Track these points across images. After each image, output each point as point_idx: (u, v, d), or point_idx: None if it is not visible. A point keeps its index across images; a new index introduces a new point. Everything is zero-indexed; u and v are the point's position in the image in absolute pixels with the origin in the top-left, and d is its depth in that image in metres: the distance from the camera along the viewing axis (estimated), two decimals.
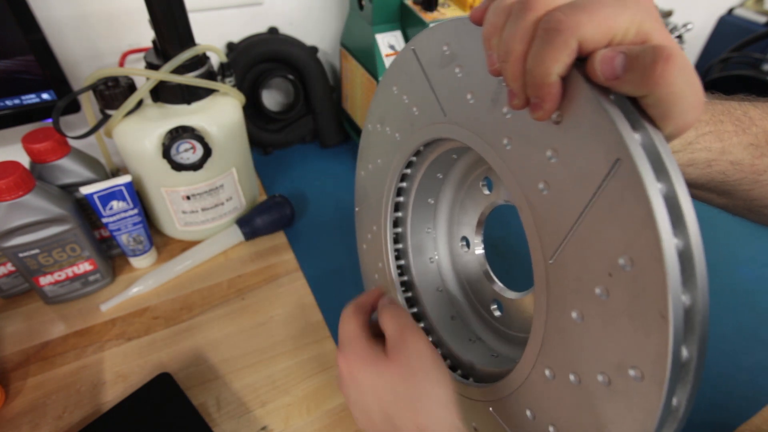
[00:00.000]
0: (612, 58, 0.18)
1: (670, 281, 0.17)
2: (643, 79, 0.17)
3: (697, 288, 0.17)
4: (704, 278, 0.17)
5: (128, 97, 0.45)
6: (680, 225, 0.17)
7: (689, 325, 0.18)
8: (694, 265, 0.17)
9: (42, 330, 0.45)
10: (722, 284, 0.54)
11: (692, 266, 0.17)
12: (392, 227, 0.39)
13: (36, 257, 0.42)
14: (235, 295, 0.49)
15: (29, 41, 0.44)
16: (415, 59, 0.30)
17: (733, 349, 0.47)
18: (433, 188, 0.38)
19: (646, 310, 0.17)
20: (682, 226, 0.17)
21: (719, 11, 0.88)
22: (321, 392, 0.41)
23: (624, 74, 0.18)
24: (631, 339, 0.18)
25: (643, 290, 0.17)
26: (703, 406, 0.42)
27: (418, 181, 0.37)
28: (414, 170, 0.37)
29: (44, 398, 0.40)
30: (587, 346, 0.20)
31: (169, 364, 0.43)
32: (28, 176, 0.40)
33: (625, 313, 0.18)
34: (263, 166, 0.67)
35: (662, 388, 0.17)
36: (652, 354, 0.17)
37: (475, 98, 0.26)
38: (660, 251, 0.16)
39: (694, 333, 0.17)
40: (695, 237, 0.17)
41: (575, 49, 0.18)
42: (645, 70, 0.17)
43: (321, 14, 0.68)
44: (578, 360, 0.21)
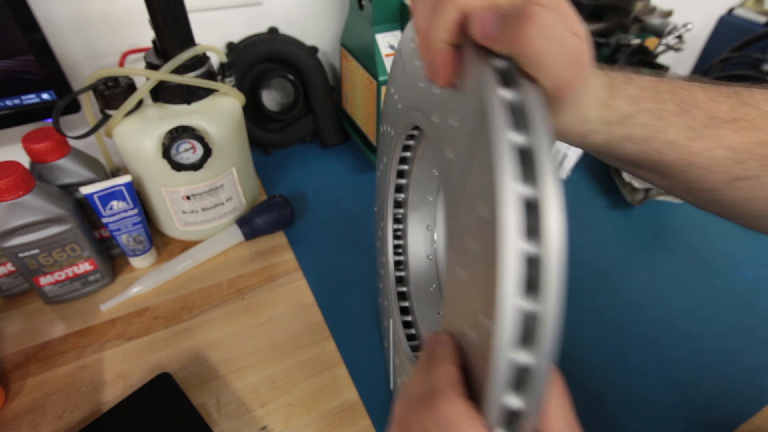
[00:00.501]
0: (486, 19, 0.19)
1: (507, 228, 0.16)
2: (509, 38, 0.18)
3: (540, 241, 0.16)
4: (556, 233, 0.16)
5: (128, 97, 0.45)
6: (531, 175, 0.16)
7: (533, 279, 0.16)
8: (540, 216, 0.16)
9: (42, 330, 0.45)
10: (721, 284, 0.54)
11: (537, 217, 0.16)
12: (393, 224, 0.40)
13: (36, 257, 0.42)
14: (235, 295, 0.49)
15: (29, 41, 0.44)
16: (399, 58, 0.32)
17: (732, 348, 0.47)
18: (431, 185, 0.39)
19: (490, 259, 0.17)
20: (532, 177, 0.16)
21: (719, 11, 0.88)
22: (321, 392, 0.41)
23: (498, 34, 0.18)
24: (484, 289, 0.17)
25: (489, 238, 0.17)
26: (702, 405, 0.42)
27: (413, 178, 0.38)
28: (409, 167, 0.38)
29: (44, 398, 0.40)
30: (464, 303, 0.20)
31: (169, 364, 0.43)
32: (28, 176, 0.40)
33: (481, 263, 0.18)
34: (263, 166, 0.67)
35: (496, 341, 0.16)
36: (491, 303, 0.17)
37: (424, 83, 0.27)
38: (499, 198, 0.16)
39: (538, 290, 0.16)
40: (549, 187, 0.16)
41: (455, 15, 0.19)
42: (511, 30, 0.18)
43: (321, 14, 0.68)
44: (460, 317, 0.21)
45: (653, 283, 0.54)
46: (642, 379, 0.44)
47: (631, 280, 0.54)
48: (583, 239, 0.59)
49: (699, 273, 0.55)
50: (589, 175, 0.69)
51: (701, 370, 0.45)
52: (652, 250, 0.58)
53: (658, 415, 0.42)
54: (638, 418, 0.41)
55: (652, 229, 0.61)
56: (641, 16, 0.69)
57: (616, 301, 0.51)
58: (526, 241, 0.16)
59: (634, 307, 0.51)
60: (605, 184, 0.67)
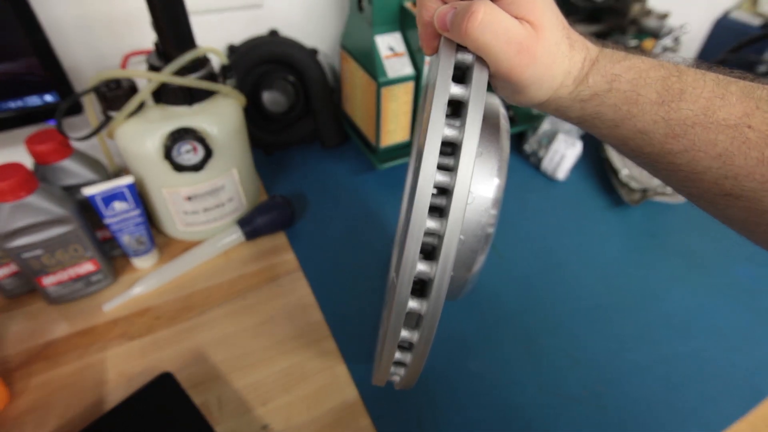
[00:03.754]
0: (444, 14, 0.22)
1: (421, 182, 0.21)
2: (458, 32, 0.22)
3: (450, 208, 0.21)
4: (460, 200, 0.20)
5: (130, 98, 0.45)
6: (457, 121, 0.22)
7: (436, 249, 0.22)
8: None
9: (45, 330, 0.45)
10: (718, 283, 0.54)
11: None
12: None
13: (39, 258, 0.43)
14: (236, 295, 0.50)
15: (32, 43, 0.45)
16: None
17: (729, 346, 0.48)
18: None
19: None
20: (461, 124, 0.21)
21: (715, 14, 0.88)
22: (322, 391, 0.42)
23: (450, 25, 0.22)
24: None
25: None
26: (699, 402, 0.43)
27: None
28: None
29: (47, 397, 0.40)
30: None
31: (170, 364, 0.43)
32: (32, 178, 0.40)
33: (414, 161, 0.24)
34: (264, 167, 0.67)
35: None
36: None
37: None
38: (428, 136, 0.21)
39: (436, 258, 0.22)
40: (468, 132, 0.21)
41: (433, 2, 0.23)
42: (458, 25, 0.21)
43: (321, 16, 0.68)
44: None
45: (650, 282, 0.54)
46: (640, 377, 0.45)
47: (629, 280, 0.54)
48: (580, 239, 0.59)
49: (696, 272, 0.56)
50: (587, 175, 0.69)
51: (699, 368, 0.46)
52: (650, 250, 0.59)
53: (657, 413, 0.42)
54: (637, 415, 0.42)
55: (650, 229, 0.62)
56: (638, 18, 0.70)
57: (614, 301, 0.52)
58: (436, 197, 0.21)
59: (631, 306, 0.51)
60: (603, 184, 0.68)
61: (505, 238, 0.58)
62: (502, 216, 0.62)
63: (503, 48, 0.21)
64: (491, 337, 0.47)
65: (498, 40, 0.21)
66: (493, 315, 0.49)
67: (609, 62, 0.24)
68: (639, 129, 0.23)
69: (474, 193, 0.25)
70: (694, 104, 0.22)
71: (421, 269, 0.22)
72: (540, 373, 0.44)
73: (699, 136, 0.22)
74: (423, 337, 0.23)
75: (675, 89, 0.22)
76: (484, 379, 0.44)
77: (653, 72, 0.23)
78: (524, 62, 0.22)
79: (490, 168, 0.25)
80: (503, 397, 0.42)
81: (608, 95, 0.24)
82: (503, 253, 0.57)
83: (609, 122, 0.24)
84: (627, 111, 0.23)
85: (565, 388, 0.43)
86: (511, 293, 0.52)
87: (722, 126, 0.21)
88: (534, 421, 0.41)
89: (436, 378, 0.43)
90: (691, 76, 0.23)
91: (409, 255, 0.21)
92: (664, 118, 0.22)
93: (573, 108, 0.25)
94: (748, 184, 0.21)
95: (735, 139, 0.21)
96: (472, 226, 0.25)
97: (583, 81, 0.24)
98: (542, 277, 0.54)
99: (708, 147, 0.22)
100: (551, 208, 0.64)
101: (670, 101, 0.22)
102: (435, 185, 0.21)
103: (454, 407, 0.42)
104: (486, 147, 0.25)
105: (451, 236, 0.21)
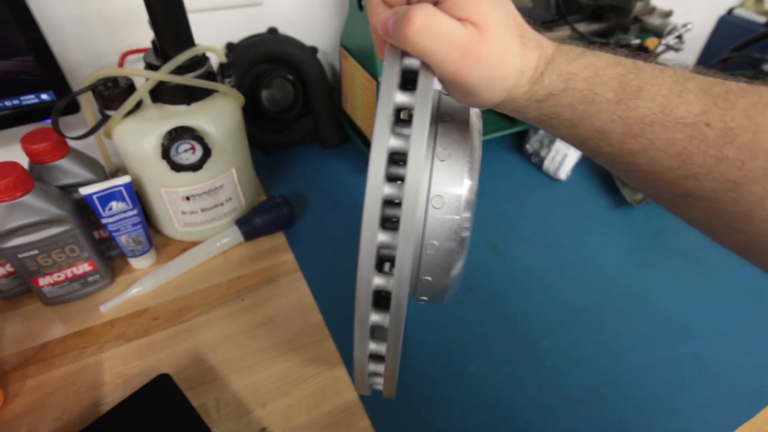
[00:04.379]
0: (386, 20, 0.22)
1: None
2: (398, 37, 0.21)
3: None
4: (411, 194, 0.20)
5: (128, 97, 0.44)
6: (404, 126, 0.21)
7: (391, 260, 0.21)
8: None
9: (41, 331, 0.45)
10: (721, 284, 0.54)
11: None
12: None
13: (35, 258, 0.42)
14: (234, 296, 0.49)
15: (28, 41, 0.44)
16: None
17: (732, 348, 0.47)
18: None
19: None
20: (407, 126, 0.21)
21: (719, 11, 0.88)
22: (321, 393, 0.41)
23: (393, 33, 0.21)
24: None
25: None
26: (702, 405, 0.42)
27: None
28: None
29: (43, 400, 0.40)
30: None
31: (168, 365, 0.43)
32: (27, 177, 0.40)
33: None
34: (263, 167, 0.67)
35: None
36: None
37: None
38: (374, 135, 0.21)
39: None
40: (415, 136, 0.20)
41: (379, 3, 0.23)
42: (398, 30, 0.21)
43: (320, 14, 0.68)
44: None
45: (653, 282, 0.54)
46: (642, 378, 0.44)
47: (631, 280, 0.54)
48: (582, 239, 0.59)
49: (699, 273, 0.55)
50: (590, 175, 0.69)
51: (701, 369, 0.45)
52: (652, 250, 0.58)
53: (658, 414, 0.41)
54: (638, 417, 0.41)
55: (652, 229, 0.61)
56: (641, 16, 0.69)
57: (615, 301, 0.51)
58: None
59: (633, 306, 0.51)
60: (605, 184, 0.67)
61: (506, 238, 0.58)
62: (503, 216, 0.62)
63: (445, 52, 0.21)
64: (491, 338, 0.47)
65: (438, 44, 0.20)
66: (493, 315, 0.49)
67: (565, 60, 0.23)
68: (596, 128, 0.23)
69: (444, 197, 0.24)
70: (652, 102, 0.21)
71: (378, 283, 0.22)
72: (540, 374, 0.44)
73: (657, 135, 0.21)
74: (390, 350, 0.23)
75: (632, 87, 0.22)
76: (484, 380, 0.43)
77: (610, 70, 0.22)
78: (469, 65, 0.21)
79: (458, 170, 0.24)
80: (503, 398, 0.42)
81: (564, 95, 0.23)
82: (504, 253, 0.56)
83: (566, 122, 0.23)
84: (584, 110, 0.23)
85: (565, 389, 0.43)
86: (511, 293, 0.51)
87: (680, 124, 0.21)
88: (534, 422, 0.41)
89: (436, 379, 0.43)
90: (649, 72, 0.22)
91: (363, 272, 0.21)
92: (622, 117, 0.22)
93: (530, 108, 0.24)
94: (708, 184, 0.21)
95: (693, 138, 0.20)
96: (445, 231, 0.24)
97: (538, 80, 0.23)
98: (543, 277, 0.53)
99: (666, 146, 0.21)
100: (553, 208, 0.63)
101: (627, 99, 0.22)
102: (388, 198, 0.21)
103: (454, 408, 0.41)
104: (454, 149, 0.24)
105: (404, 250, 0.20)
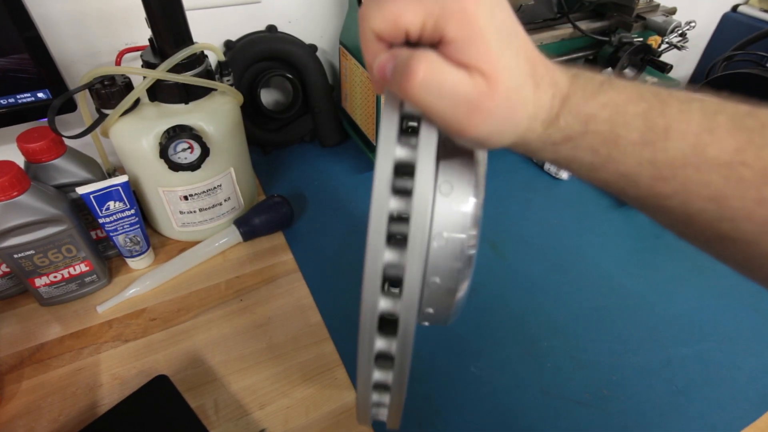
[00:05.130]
0: (385, 64, 0.19)
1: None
2: (399, 89, 0.19)
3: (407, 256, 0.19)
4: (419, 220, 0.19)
5: (125, 96, 0.44)
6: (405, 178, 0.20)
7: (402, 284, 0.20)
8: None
9: (37, 332, 0.45)
10: (724, 285, 0.53)
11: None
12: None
13: (31, 258, 0.42)
14: (233, 297, 0.49)
15: (24, 39, 0.44)
16: None
17: (736, 349, 0.47)
18: None
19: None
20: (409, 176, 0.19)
21: (723, 8, 0.87)
22: (320, 394, 0.41)
23: (391, 81, 0.19)
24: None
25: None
26: (706, 407, 0.42)
27: None
28: None
29: (39, 401, 0.39)
30: None
31: (166, 367, 0.42)
32: (23, 176, 0.39)
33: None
34: (262, 166, 0.66)
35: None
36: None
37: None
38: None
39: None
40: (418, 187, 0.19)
41: (372, 38, 0.19)
42: (399, 82, 0.18)
43: (320, 12, 0.67)
44: None
45: (655, 283, 0.53)
46: (645, 380, 0.44)
47: (634, 281, 0.53)
48: (584, 239, 0.58)
49: (702, 274, 0.55)
50: None
51: (704, 371, 0.45)
52: (655, 251, 0.58)
53: (661, 417, 0.41)
54: (641, 419, 0.41)
55: (655, 229, 0.61)
56: (644, 14, 0.69)
57: (618, 302, 0.51)
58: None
59: (636, 307, 0.50)
60: None
61: (508, 238, 0.57)
62: (504, 216, 0.61)
63: (449, 110, 0.18)
64: (493, 339, 0.47)
65: (442, 101, 0.18)
66: (494, 316, 0.49)
67: (582, 98, 0.20)
68: (621, 172, 0.21)
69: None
70: (682, 142, 0.19)
71: (384, 307, 0.20)
72: (542, 376, 0.44)
73: (690, 177, 0.20)
74: (396, 380, 0.21)
75: (659, 126, 0.20)
76: (486, 382, 0.43)
77: (632, 106, 0.20)
78: (476, 121, 0.19)
79: (464, 190, 0.22)
80: (505, 400, 0.42)
81: (584, 137, 0.21)
82: (505, 253, 0.56)
83: (587, 166, 0.21)
84: (607, 154, 0.20)
85: (567, 391, 0.43)
86: (513, 294, 0.51)
87: (714, 165, 0.19)
88: (536, 424, 0.40)
89: (437, 380, 0.43)
90: (675, 107, 0.20)
91: (368, 295, 0.20)
92: (650, 160, 0.20)
93: (545, 151, 0.22)
94: (747, 227, 0.19)
95: (729, 179, 0.19)
96: (449, 260, 0.23)
97: (553, 123, 0.21)
98: (545, 277, 0.53)
99: (700, 188, 0.20)
100: (555, 207, 0.63)
101: (654, 141, 0.20)
102: (393, 214, 0.20)
103: (454, 410, 0.41)
104: (458, 173, 0.22)
105: (414, 274, 0.19)
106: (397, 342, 0.20)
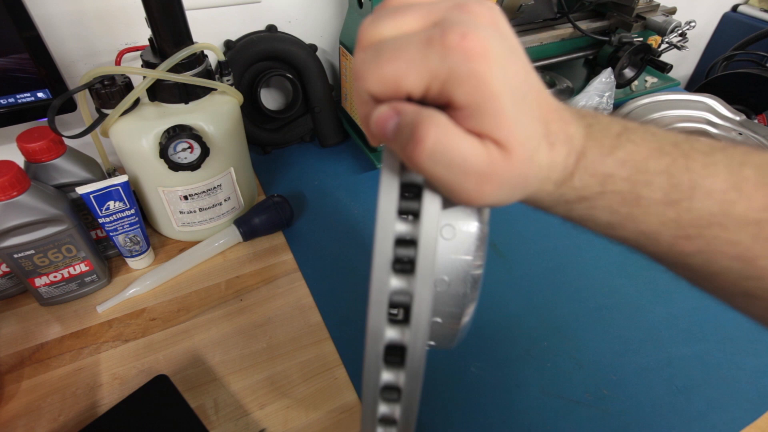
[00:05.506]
0: (385, 120, 0.17)
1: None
2: (402, 153, 0.17)
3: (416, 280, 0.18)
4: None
5: (125, 95, 0.44)
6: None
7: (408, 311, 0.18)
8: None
9: (37, 332, 0.45)
10: None
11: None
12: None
13: (31, 258, 0.42)
14: (233, 296, 0.49)
15: (24, 39, 0.44)
16: None
17: (736, 349, 0.47)
18: None
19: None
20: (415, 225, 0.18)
21: (723, 8, 0.87)
22: (320, 394, 0.41)
23: (393, 140, 0.17)
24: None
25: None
26: (706, 407, 0.42)
27: None
28: None
29: (39, 401, 0.39)
30: None
31: (166, 366, 0.42)
32: (23, 176, 0.39)
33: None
34: (261, 166, 0.66)
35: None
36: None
37: None
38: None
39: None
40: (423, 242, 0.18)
41: (368, 98, 0.17)
42: (403, 146, 0.16)
43: (320, 12, 0.67)
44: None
45: (655, 283, 0.53)
46: (645, 380, 0.44)
47: (633, 281, 0.53)
48: (585, 239, 0.58)
49: None
50: None
51: (705, 371, 0.45)
52: None
53: (662, 417, 0.41)
54: (641, 419, 0.41)
55: None
56: (644, 14, 0.69)
57: (618, 302, 0.51)
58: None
59: (636, 307, 0.50)
60: None
61: (507, 238, 0.57)
62: (504, 216, 0.61)
63: (458, 180, 0.17)
64: (493, 339, 0.46)
65: (452, 172, 0.16)
66: (494, 315, 0.49)
67: (598, 156, 0.19)
68: (641, 231, 0.20)
69: (455, 228, 0.21)
70: (709, 200, 0.18)
71: (391, 336, 0.19)
72: (542, 376, 0.44)
73: (716, 236, 0.19)
74: (404, 417, 0.20)
75: (684, 184, 0.18)
76: (486, 382, 0.43)
77: (653, 162, 0.19)
78: (486, 191, 0.17)
79: (467, 213, 0.21)
80: (505, 400, 0.42)
81: (602, 197, 0.19)
82: (505, 253, 0.56)
83: (604, 224, 0.20)
84: (627, 213, 0.19)
85: (567, 391, 0.43)
86: (513, 294, 0.51)
87: (742, 223, 0.18)
88: (536, 424, 0.40)
89: (437, 380, 0.43)
90: (699, 160, 0.19)
91: (374, 323, 0.18)
92: (674, 219, 0.19)
93: (557, 208, 0.21)
94: None
95: (758, 237, 0.18)
96: (459, 273, 0.21)
97: (566, 182, 0.19)
98: (545, 277, 0.53)
99: (726, 247, 0.19)
100: None
101: (679, 200, 0.18)
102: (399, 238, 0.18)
103: (454, 410, 0.41)
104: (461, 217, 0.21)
105: (423, 302, 0.18)
106: (406, 376, 0.19)
